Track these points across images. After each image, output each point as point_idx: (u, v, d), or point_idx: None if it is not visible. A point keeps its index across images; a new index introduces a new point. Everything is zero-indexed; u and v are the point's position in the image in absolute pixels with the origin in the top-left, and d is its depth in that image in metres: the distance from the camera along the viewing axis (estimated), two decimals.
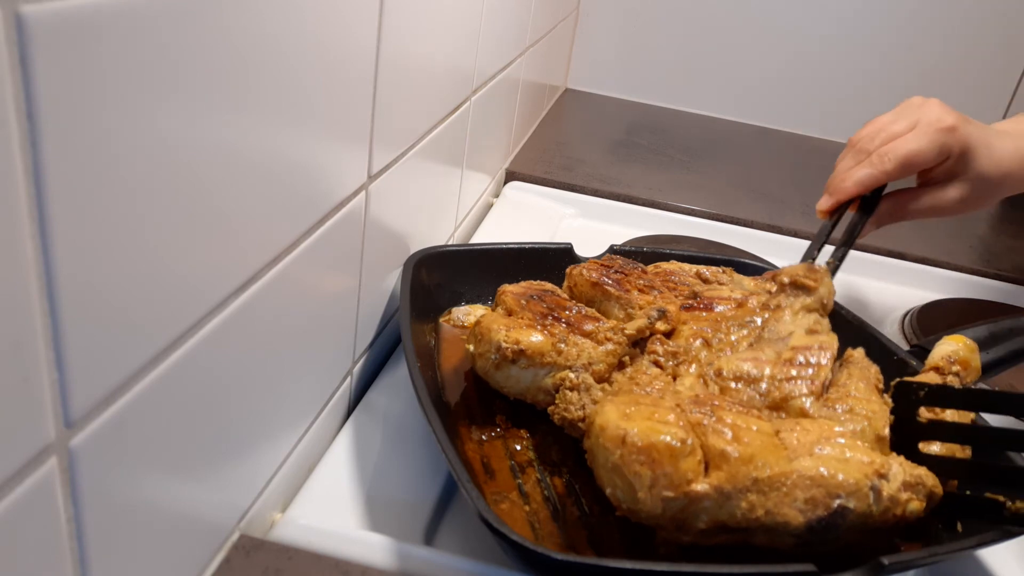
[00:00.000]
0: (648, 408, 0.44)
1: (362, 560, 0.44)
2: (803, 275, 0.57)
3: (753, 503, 0.42)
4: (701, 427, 0.44)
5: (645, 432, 0.42)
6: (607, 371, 0.53)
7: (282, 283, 0.42)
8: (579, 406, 0.50)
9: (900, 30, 1.38)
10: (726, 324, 0.56)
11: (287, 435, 0.48)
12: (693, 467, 0.42)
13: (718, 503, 0.42)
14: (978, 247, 1.05)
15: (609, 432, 0.43)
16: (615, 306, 0.60)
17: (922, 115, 0.66)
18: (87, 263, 0.27)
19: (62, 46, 0.24)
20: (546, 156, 1.12)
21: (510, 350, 0.53)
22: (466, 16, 0.68)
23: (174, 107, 0.29)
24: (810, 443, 0.44)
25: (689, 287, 0.62)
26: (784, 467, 0.42)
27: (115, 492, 0.31)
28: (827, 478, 0.42)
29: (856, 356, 0.54)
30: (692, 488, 0.41)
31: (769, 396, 0.49)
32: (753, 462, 0.42)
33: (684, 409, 0.45)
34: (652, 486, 0.41)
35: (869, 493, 0.43)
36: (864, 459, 0.44)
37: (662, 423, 0.43)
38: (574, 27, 1.46)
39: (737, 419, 0.44)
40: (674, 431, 0.42)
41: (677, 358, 0.54)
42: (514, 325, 0.55)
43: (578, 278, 0.63)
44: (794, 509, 0.42)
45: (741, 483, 0.42)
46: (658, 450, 0.42)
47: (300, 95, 0.39)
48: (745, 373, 0.50)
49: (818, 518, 0.42)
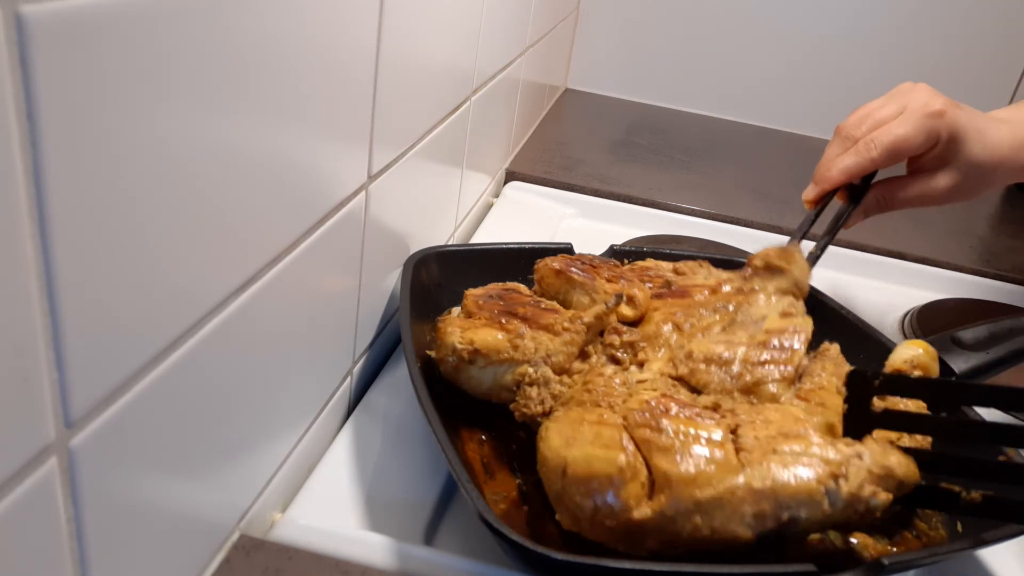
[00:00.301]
0: (592, 427, 0.43)
1: (362, 560, 0.44)
2: (775, 257, 0.57)
3: (698, 524, 0.41)
4: (647, 444, 0.42)
5: (585, 460, 0.42)
6: (567, 361, 0.52)
7: (282, 283, 0.42)
8: (538, 401, 0.50)
9: (900, 30, 1.38)
10: (699, 309, 0.55)
11: (287, 435, 0.48)
12: (636, 492, 0.41)
13: (661, 526, 0.41)
14: (978, 247, 1.05)
15: (551, 462, 0.43)
16: (580, 294, 0.59)
17: (910, 100, 0.64)
18: (87, 263, 0.27)
19: (62, 46, 0.24)
20: (546, 156, 1.12)
21: (465, 351, 0.53)
22: (466, 16, 0.68)
23: (174, 107, 0.29)
24: (768, 439, 0.42)
25: (663, 278, 0.62)
26: (730, 482, 0.41)
27: (115, 492, 0.31)
28: (776, 490, 0.40)
29: (832, 351, 0.53)
30: (632, 516, 0.41)
31: (741, 380, 0.48)
32: (696, 482, 0.41)
33: (630, 423, 0.44)
34: (593, 516, 0.41)
35: (824, 499, 0.41)
36: (822, 458, 0.42)
37: (604, 448, 0.42)
38: (574, 27, 1.46)
39: (687, 426, 0.43)
40: (614, 456, 0.41)
41: (635, 348, 0.53)
42: (469, 326, 0.54)
43: (544, 270, 0.62)
44: (742, 525, 0.40)
45: (684, 505, 0.40)
46: (599, 480, 0.41)
47: (300, 95, 0.39)
48: (717, 356, 0.49)
49: (768, 530, 0.41)
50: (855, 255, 0.96)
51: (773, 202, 1.09)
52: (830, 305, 0.68)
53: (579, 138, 1.25)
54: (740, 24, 1.42)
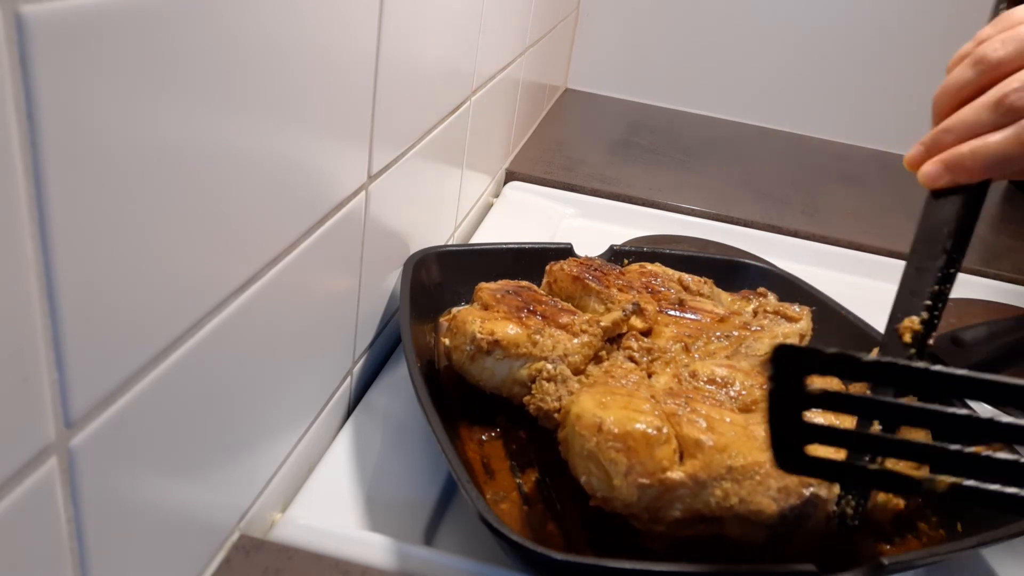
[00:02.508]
0: (623, 398, 0.45)
1: (362, 560, 0.44)
2: (787, 308, 0.62)
3: (727, 491, 0.42)
4: (676, 417, 0.44)
5: (621, 420, 0.42)
6: (582, 363, 0.53)
7: (282, 283, 0.42)
8: (555, 397, 0.50)
9: (900, 30, 1.38)
10: (707, 333, 0.58)
11: (287, 435, 0.48)
12: (668, 455, 0.42)
13: (693, 491, 0.42)
14: (978, 247, 1.05)
15: (585, 420, 0.43)
16: (595, 301, 0.61)
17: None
18: (87, 263, 0.27)
19: (62, 46, 0.24)
20: (546, 156, 1.12)
21: (485, 341, 0.53)
22: (466, 16, 0.68)
23: (174, 107, 0.29)
24: None
25: (673, 292, 0.64)
26: (758, 456, 0.43)
27: (115, 492, 0.31)
28: None
29: None
30: (667, 476, 0.42)
31: (740, 399, 0.50)
32: (727, 451, 0.42)
33: (659, 400, 0.46)
34: (627, 473, 0.42)
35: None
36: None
37: (638, 411, 0.43)
38: (574, 27, 1.46)
39: (711, 411, 0.45)
40: (650, 419, 0.43)
41: (652, 354, 0.55)
42: (489, 317, 0.55)
43: (558, 273, 0.64)
44: (767, 497, 0.42)
45: (715, 471, 0.42)
46: (634, 438, 0.42)
47: (300, 95, 0.39)
48: (719, 377, 0.52)
49: (791, 507, 0.42)
50: (855, 255, 0.96)
51: (773, 202, 1.09)
52: (830, 305, 0.68)
53: (579, 138, 1.25)
54: (740, 24, 1.42)
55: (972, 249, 1.07)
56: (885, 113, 1.43)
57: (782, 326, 0.60)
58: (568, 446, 0.45)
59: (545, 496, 0.50)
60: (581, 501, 0.50)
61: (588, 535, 0.47)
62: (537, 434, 0.55)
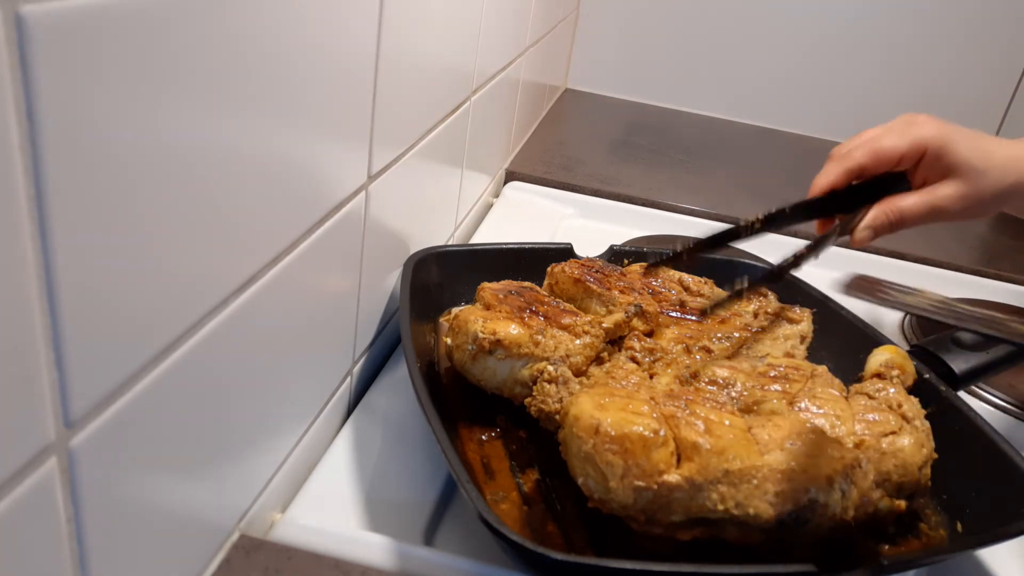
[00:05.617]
0: (622, 400, 0.45)
1: (362, 560, 0.44)
2: (789, 310, 0.62)
3: (724, 495, 0.42)
4: (674, 419, 0.44)
5: (618, 422, 0.42)
6: (584, 364, 0.53)
7: (282, 283, 0.42)
8: (556, 398, 0.50)
9: (900, 30, 1.38)
10: (709, 335, 0.58)
11: (287, 435, 0.48)
12: (665, 458, 0.42)
13: (689, 494, 0.42)
14: (978, 247, 1.05)
15: (583, 421, 0.43)
16: (596, 303, 0.61)
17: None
18: (87, 263, 0.27)
19: (62, 46, 0.24)
20: (546, 156, 1.12)
21: (487, 340, 0.53)
22: (466, 16, 0.68)
23: (174, 107, 0.29)
24: (781, 439, 0.44)
25: (674, 294, 0.65)
26: (755, 460, 0.43)
27: (115, 492, 0.31)
28: (797, 472, 0.42)
29: (820, 370, 0.55)
30: (664, 478, 0.42)
31: (741, 400, 0.50)
32: (724, 454, 0.42)
33: (658, 402, 0.45)
34: (624, 476, 0.42)
35: (839, 487, 0.43)
36: (835, 454, 0.44)
37: (636, 414, 0.43)
38: (574, 27, 1.46)
39: (710, 413, 0.45)
40: (647, 422, 0.43)
41: (654, 355, 0.55)
42: (491, 317, 0.55)
43: (560, 275, 0.64)
44: (764, 502, 0.42)
45: (712, 475, 0.42)
46: (631, 440, 0.42)
47: (300, 95, 0.39)
48: (720, 378, 0.52)
49: (788, 512, 0.42)
50: (855, 255, 0.96)
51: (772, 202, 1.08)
52: (830, 305, 0.68)
53: (579, 138, 1.25)
54: (740, 24, 1.42)
55: (972, 249, 1.07)
56: (885, 113, 1.42)
57: (783, 327, 0.60)
58: (566, 447, 0.45)
59: (545, 496, 0.50)
60: (581, 501, 0.50)
61: (588, 535, 0.47)
62: (537, 434, 0.55)
